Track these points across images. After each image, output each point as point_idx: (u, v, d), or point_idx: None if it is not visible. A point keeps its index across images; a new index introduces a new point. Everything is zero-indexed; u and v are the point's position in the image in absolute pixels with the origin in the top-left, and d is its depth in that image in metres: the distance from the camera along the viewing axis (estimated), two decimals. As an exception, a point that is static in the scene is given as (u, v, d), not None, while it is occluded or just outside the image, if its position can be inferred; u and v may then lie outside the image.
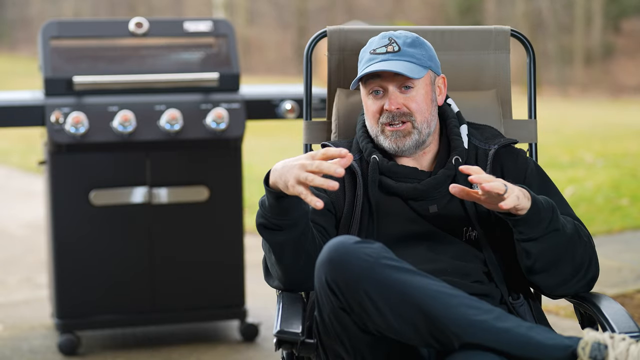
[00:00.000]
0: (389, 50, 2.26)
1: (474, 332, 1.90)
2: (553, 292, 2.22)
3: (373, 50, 2.28)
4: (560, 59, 17.84)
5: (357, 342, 1.99)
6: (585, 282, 2.21)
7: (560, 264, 2.16)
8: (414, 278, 1.95)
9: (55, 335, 3.85)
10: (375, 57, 2.27)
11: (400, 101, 2.26)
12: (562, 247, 2.14)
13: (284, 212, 2.08)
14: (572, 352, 1.88)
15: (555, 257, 2.15)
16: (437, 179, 2.26)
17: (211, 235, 3.77)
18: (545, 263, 2.15)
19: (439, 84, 2.34)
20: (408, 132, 2.27)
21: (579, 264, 2.18)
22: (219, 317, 3.88)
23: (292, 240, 2.11)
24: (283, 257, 2.14)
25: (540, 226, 2.10)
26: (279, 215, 2.08)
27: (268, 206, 2.09)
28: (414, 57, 2.26)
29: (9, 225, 6.42)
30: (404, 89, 2.26)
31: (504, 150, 2.34)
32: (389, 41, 2.28)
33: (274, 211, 2.08)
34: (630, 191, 6.94)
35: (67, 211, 3.65)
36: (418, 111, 2.26)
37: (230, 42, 3.79)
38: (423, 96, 2.27)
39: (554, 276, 2.18)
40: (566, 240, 2.15)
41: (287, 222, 2.09)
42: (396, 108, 2.25)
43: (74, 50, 3.78)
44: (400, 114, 2.26)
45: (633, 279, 4.62)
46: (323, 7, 21.96)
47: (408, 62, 2.25)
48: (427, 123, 2.28)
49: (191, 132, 3.63)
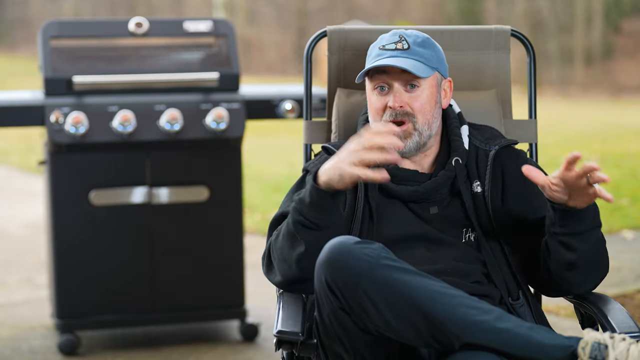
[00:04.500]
0: (398, 47, 2.26)
1: (474, 332, 1.90)
2: (571, 290, 2.21)
3: (382, 46, 2.28)
4: (560, 59, 17.84)
5: (357, 343, 1.99)
6: (599, 280, 2.22)
7: (594, 263, 2.16)
8: (414, 278, 1.95)
9: (55, 335, 3.85)
10: (384, 53, 2.26)
11: (404, 99, 2.25)
12: (598, 245, 2.15)
13: (326, 212, 2.07)
14: (572, 352, 1.88)
15: (593, 255, 2.15)
16: (437, 181, 2.26)
17: (211, 235, 3.77)
18: (587, 259, 2.14)
19: (445, 87, 2.33)
20: (409, 134, 2.26)
21: (603, 265, 2.20)
22: (219, 317, 3.88)
23: (325, 240, 2.08)
24: (309, 256, 2.10)
25: (587, 221, 2.10)
26: (319, 214, 2.08)
27: (309, 204, 2.08)
28: (423, 57, 2.26)
29: (9, 225, 6.41)
30: (409, 88, 2.25)
31: (505, 151, 2.34)
32: (399, 38, 2.27)
33: (317, 210, 2.07)
34: (630, 191, 6.94)
35: (67, 211, 3.65)
36: (420, 111, 2.26)
37: (230, 42, 3.79)
38: (427, 97, 2.26)
39: (584, 275, 2.18)
40: (601, 240, 2.16)
41: (326, 221, 2.09)
42: (400, 106, 2.24)
43: (74, 50, 3.78)
44: (403, 113, 2.25)
45: (633, 279, 4.61)
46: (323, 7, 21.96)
47: (416, 60, 2.25)
48: (428, 125, 2.28)
49: (191, 132, 3.63)
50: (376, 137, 1.97)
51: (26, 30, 25.16)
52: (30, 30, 24.17)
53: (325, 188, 2.05)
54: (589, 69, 17.96)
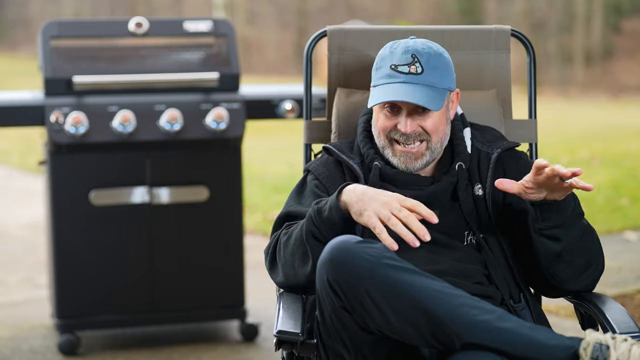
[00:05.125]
0: (411, 70, 2.21)
1: (476, 332, 1.90)
2: (564, 285, 2.21)
3: (394, 65, 2.23)
4: (560, 59, 17.84)
5: (358, 342, 1.99)
6: (594, 278, 2.22)
7: (579, 253, 2.17)
8: (416, 278, 1.95)
9: (55, 335, 3.85)
10: (396, 76, 2.22)
11: (416, 122, 2.23)
12: (582, 235, 2.16)
13: (339, 230, 2.06)
14: (574, 353, 1.88)
15: (577, 244, 2.16)
16: (440, 186, 2.25)
17: (211, 235, 3.77)
18: (571, 248, 2.15)
19: (453, 98, 2.31)
20: (421, 154, 2.24)
21: (593, 257, 2.20)
22: (219, 317, 3.88)
23: None
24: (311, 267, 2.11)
25: (568, 211, 2.12)
26: (332, 231, 2.07)
27: (326, 219, 2.07)
28: (436, 81, 2.22)
29: (9, 225, 6.41)
30: (421, 110, 2.23)
31: (506, 153, 2.34)
32: (412, 59, 2.22)
33: (331, 227, 2.07)
34: (630, 191, 6.94)
35: (67, 211, 3.65)
36: (434, 132, 2.24)
37: (230, 42, 3.79)
38: (439, 116, 2.24)
39: (572, 267, 2.18)
40: (585, 228, 2.17)
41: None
42: (412, 130, 2.23)
43: (74, 50, 3.78)
44: (415, 135, 2.24)
45: (633, 279, 4.61)
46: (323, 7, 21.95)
47: (429, 88, 2.21)
48: (440, 143, 2.26)
49: (191, 132, 3.63)
50: (410, 218, 1.97)
51: (26, 30, 25.16)
52: (30, 30, 24.17)
53: (342, 207, 2.05)
54: (588, 69, 17.95)
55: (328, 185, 2.29)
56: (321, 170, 2.32)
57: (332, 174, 2.31)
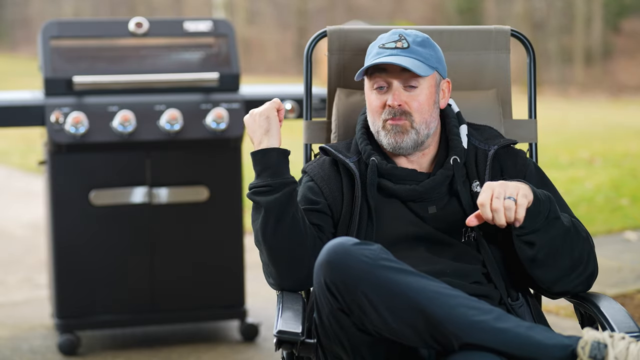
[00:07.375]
0: (397, 46, 2.27)
1: (474, 332, 1.90)
2: (552, 288, 2.20)
3: (382, 44, 2.29)
4: (560, 59, 17.84)
5: (357, 343, 2.00)
6: (584, 278, 2.20)
7: (560, 255, 2.14)
8: (413, 279, 1.95)
9: (55, 335, 3.85)
10: (384, 51, 2.27)
11: (403, 98, 2.26)
12: (562, 237, 2.14)
13: (272, 171, 2.20)
14: (571, 352, 1.88)
15: (556, 247, 2.13)
16: (436, 180, 2.26)
17: (211, 235, 3.77)
18: (547, 253, 2.13)
19: (443, 87, 2.34)
20: (406, 130, 2.27)
21: (578, 258, 2.17)
22: (219, 317, 3.88)
23: (282, 203, 2.17)
24: (272, 226, 2.17)
25: (541, 217, 2.10)
26: (268, 175, 2.20)
27: (259, 169, 2.23)
28: (422, 56, 2.27)
29: (9, 225, 6.41)
30: (408, 88, 2.26)
31: (504, 151, 2.34)
32: (398, 37, 2.28)
33: (264, 171, 2.21)
34: (630, 191, 6.94)
35: (67, 211, 3.65)
36: (418, 111, 2.26)
37: (230, 42, 3.79)
38: (426, 97, 2.27)
39: (554, 269, 2.16)
40: (565, 231, 2.14)
41: (276, 181, 2.18)
42: (398, 105, 2.25)
43: (74, 50, 3.78)
44: (401, 111, 2.26)
45: (633, 279, 4.61)
46: (323, 7, 21.95)
47: (416, 59, 2.25)
48: (425, 124, 2.28)
49: (191, 132, 3.63)
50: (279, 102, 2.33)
51: (26, 30, 25.16)
52: (30, 30, 24.18)
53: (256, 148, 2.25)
54: (588, 69, 17.95)
55: (323, 187, 2.30)
56: (317, 171, 2.34)
57: (328, 175, 2.32)
